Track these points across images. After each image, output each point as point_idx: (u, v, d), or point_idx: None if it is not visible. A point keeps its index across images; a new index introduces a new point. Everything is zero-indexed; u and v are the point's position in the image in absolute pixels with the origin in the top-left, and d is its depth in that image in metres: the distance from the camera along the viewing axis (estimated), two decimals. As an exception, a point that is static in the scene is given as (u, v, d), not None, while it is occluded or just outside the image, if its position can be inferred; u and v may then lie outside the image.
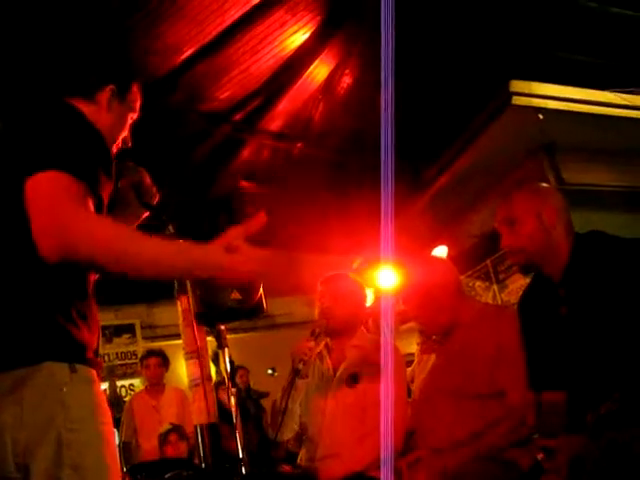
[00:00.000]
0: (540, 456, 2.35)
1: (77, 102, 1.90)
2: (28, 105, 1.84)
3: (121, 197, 2.10)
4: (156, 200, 2.30)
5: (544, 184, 2.71)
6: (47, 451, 1.50)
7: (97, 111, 1.96)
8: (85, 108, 1.89)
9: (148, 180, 2.25)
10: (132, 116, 2.13)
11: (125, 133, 2.12)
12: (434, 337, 3.02)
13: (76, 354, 1.62)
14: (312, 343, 3.14)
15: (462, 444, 2.57)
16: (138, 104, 2.15)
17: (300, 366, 3.07)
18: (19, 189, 1.58)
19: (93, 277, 1.80)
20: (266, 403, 6.41)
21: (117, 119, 2.05)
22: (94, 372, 1.67)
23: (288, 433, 3.27)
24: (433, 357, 2.99)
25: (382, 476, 2.55)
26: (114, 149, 2.06)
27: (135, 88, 2.13)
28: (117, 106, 2.04)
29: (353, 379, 3.14)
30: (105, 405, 1.67)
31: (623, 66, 5.92)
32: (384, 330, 3.23)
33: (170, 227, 2.42)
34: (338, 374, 3.21)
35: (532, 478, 2.36)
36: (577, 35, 5.52)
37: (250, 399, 6.26)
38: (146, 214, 2.24)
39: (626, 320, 2.23)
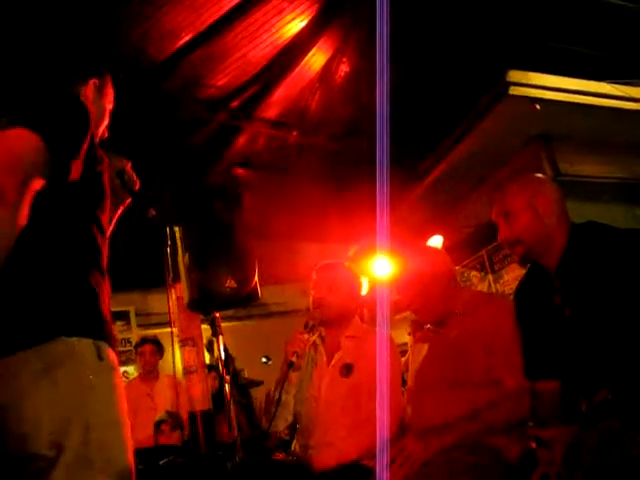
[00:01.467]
0: (533, 446, 2.35)
1: None
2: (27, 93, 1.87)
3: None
4: (137, 186, 2.38)
5: (539, 175, 2.71)
6: (77, 432, 1.56)
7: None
8: None
9: (129, 167, 2.33)
10: (109, 107, 2.23)
11: (106, 123, 2.22)
12: (428, 326, 3.02)
13: (100, 330, 1.69)
14: (306, 336, 3.12)
15: (453, 424, 2.57)
16: (112, 94, 2.25)
17: (294, 359, 3.04)
18: None
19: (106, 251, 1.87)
20: (260, 391, 6.42)
21: (99, 110, 2.15)
22: (114, 356, 1.73)
23: (281, 424, 3.26)
24: (426, 346, 2.99)
25: (377, 465, 2.56)
26: (97, 139, 2.10)
27: (109, 79, 2.23)
28: (99, 98, 2.15)
29: (347, 369, 3.14)
30: (122, 390, 1.74)
31: (620, 57, 5.92)
32: (379, 320, 3.22)
33: (152, 210, 2.49)
34: (332, 363, 3.20)
35: (524, 468, 2.37)
36: (575, 26, 5.52)
37: (236, 387, 6.27)
38: (129, 199, 2.30)
39: (620, 310, 2.24)
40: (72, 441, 1.55)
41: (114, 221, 2.27)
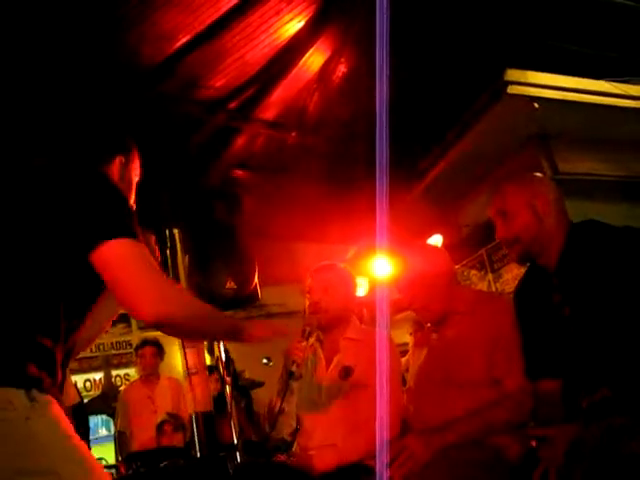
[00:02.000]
0: (534, 444, 2.35)
1: None
2: (62, 174, 1.90)
3: None
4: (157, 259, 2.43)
5: (537, 174, 2.71)
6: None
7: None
8: None
9: (153, 240, 2.35)
10: (136, 179, 2.24)
11: (133, 196, 2.21)
12: (428, 325, 3.02)
13: (36, 383, 1.65)
14: (304, 343, 3.09)
15: (454, 423, 2.57)
16: (138, 165, 2.26)
17: (294, 368, 3.01)
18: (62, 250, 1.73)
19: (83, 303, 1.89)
20: (262, 392, 6.42)
21: (127, 186, 2.16)
22: (49, 397, 1.69)
23: (285, 431, 3.24)
24: (427, 345, 2.99)
25: (377, 465, 2.55)
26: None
27: (135, 152, 2.23)
28: (125, 173, 2.16)
29: (347, 372, 3.13)
30: (67, 422, 1.70)
31: (619, 55, 5.92)
32: (379, 320, 3.22)
33: None
34: (331, 366, 3.20)
35: (525, 468, 2.37)
36: (573, 24, 5.51)
37: (236, 390, 6.26)
38: None
39: (619, 308, 2.24)
40: None
41: None
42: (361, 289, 7.39)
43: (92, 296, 1.88)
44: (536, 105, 5.75)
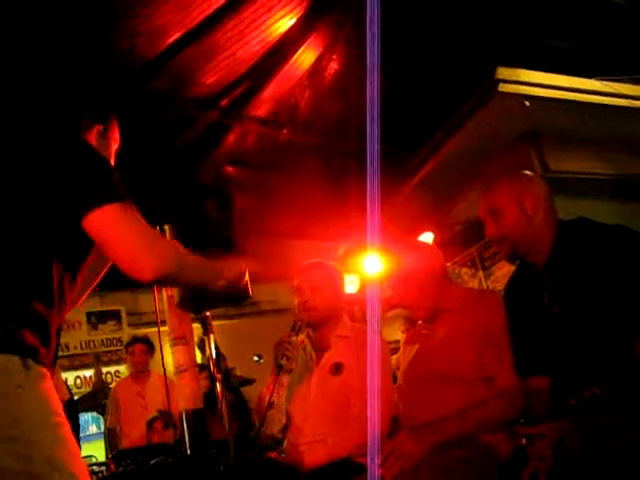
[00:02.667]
0: (524, 442, 2.36)
1: None
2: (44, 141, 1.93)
3: None
4: None
5: (526, 172, 2.71)
6: (20, 448, 1.54)
7: None
8: None
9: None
10: (115, 147, 2.26)
11: (113, 164, 2.20)
12: (419, 322, 3.03)
13: (31, 351, 1.66)
14: (294, 338, 3.10)
15: (445, 420, 2.58)
16: (118, 135, 2.28)
17: (284, 362, 3.03)
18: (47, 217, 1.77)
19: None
20: (253, 389, 6.42)
21: (106, 154, 2.17)
22: (44, 369, 1.70)
23: (276, 426, 3.25)
24: (417, 343, 2.99)
25: (368, 462, 2.56)
26: None
27: (114, 120, 2.25)
28: (104, 142, 2.18)
29: (337, 368, 3.14)
30: (57, 401, 1.71)
31: (610, 54, 5.94)
32: (370, 317, 3.22)
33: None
34: (322, 362, 3.20)
35: (514, 466, 2.37)
36: (564, 22, 5.53)
37: (228, 388, 6.26)
38: None
39: (609, 306, 2.24)
40: (17, 458, 1.53)
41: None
42: (352, 286, 7.39)
43: (82, 257, 1.91)
44: (527, 103, 5.77)
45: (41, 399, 1.64)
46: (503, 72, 5.66)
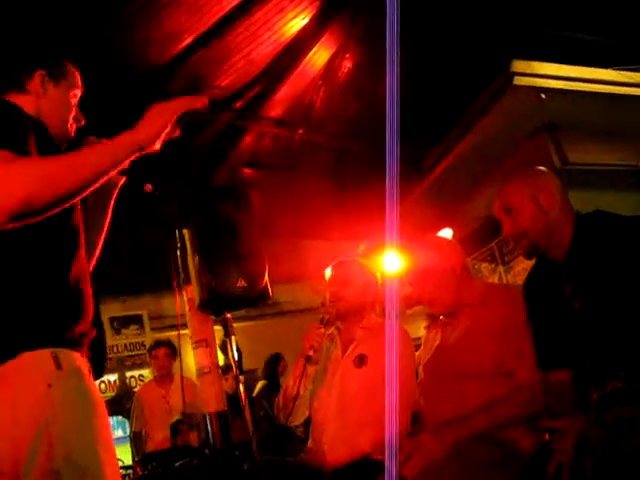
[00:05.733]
0: (547, 437, 2.34)
1: (12, 96, 1.91)
2: None
3: None
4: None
5: (539, 167, 2.69)
6: (41, 448, 1.52)
7: (34, 100, 1.96)
8: (20, 99, 1.90)
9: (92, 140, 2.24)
10: (75, 93, 2.09)
11: (73, 112, 2.09)
12: (441, 317, 3.02)
13: (61, 336, 1.64)
14: (322, 330, 3.17)
15: (468, 418, 2.57)
16: (77, 80, 2.11)
17: (311, 352, 3.10)
18: None
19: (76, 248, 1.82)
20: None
21: (57, 102, 2.03)
22: (79, 361, 1.68)
23: (299, 418, 3.29)
24: (438, 338, 2.99)
25: (387, 459, 2.56)
26: (70, 130, 2.06)
27: (69, 66, 2.09)
28: (53, 89, 2.02)
29: (361, 359, 3.16)
30: (97, 396, 1.70)
31: (626, 44, 5.89)
32: (389, 313, 3.23)
33: (148, 185, 2.38)
34: (346, 354, 3.23)
35: (538, 461, 2.36)
36: (579, 13, 5.49)
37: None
38: (123, 179, 2.20)
39: (630, 299, 2.23)
40: (37, 458, 1.51)
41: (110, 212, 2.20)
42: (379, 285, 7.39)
43: (63, 219, 1.78)
44: (543, 96, 5.73)
45: (72, 398, 1.62)
46: (518, 65, 5.63)
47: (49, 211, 1.61)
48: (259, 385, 6.94)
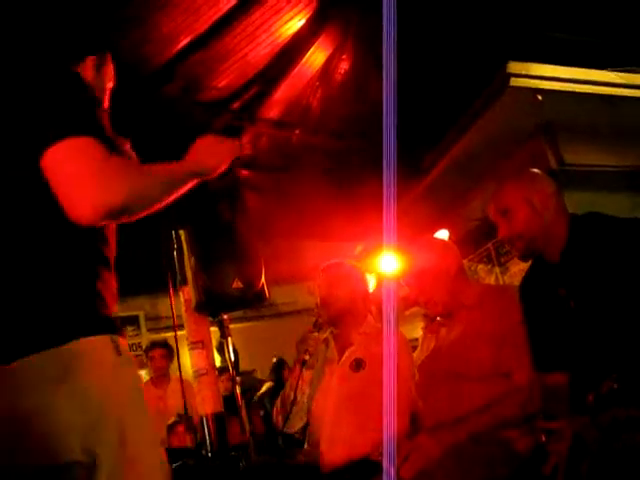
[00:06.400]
0: (543, 438, 2.35)
1: None
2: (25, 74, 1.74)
3: None
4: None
5: (533, 170, 2.70)
6: (112, 433, 1.48)
7: None
8: None
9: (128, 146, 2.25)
10: (109, 85, 2.11)
11: (107, 102, 2.10)
12: (438, 319, 3.02)
13: (114, 324, 1.61)
14: (316, 334, 3.17)
15: (465, 419, 2.57)
16: (112, 72, 2.12)
17: (306, 357, 3.10)
18: (30, 161, 1.55)
19: (113, 245, 1.80)
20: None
21: (99, 90, 2.04)
22: (129, 352, 1.65)
23: (297, 424, 3.29)
24: (435, 339, 3.00)
25: (384, 460, 2.56)
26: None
27: (109, 57, 2.10)
28: (97, 77, 2.02)
29: (358, 364, 3.16)
30: (141, 383, 1.68)
31: (622, 45, 5.89)
32: (386, 316, 3.23)
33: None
34: (343, 359, 3.23)
35: (534, 462, 2.37)
36: (575, 15, 5.49)
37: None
38: None
39: (625, 300, 2.24)
40: (109, 444, 1.46)
41: None
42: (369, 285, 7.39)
43: None
44: (539, 97, 5.74)
45: (131, 385, 1.60)
46: (514, 66, 5.64)
47: (132, 217, 1.63)
48: (265, 386, 6.94)
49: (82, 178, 1.51)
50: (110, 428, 1.48)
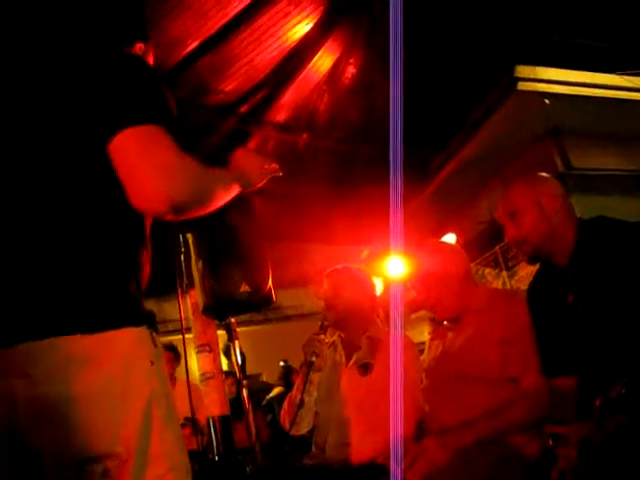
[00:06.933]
0: (550, 443, 2.34)
1: None
2: (85, 57, 1.68)
3: None
4: None
5: (541, 173, 2.70)
6: (147, 426, 1.44)
7: None
8: None
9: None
10: None
11: None
12: (445, 323, 3.02)
13: (152, 318, 1.58)
14: (322, 336, 3.17)
15: (472, 423, 2.56)
16: (153, 62, 2.05)
17: (313, 359, 3.10)
18: (96, 143, 1.51)
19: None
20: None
21: None
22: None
23: (305, 427, 3.29)
24: (442, 343, 2.99)
25: (391, 464, 2.56)
26: None
27: (152, 46, 2.04)
28: None
29: (365, 368, 3.15)
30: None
31: (630, 49, 5.89)
32: (394, 319, 3.23)
33: None
34: (351, 363, 3.23)
35: (541, 466, 2.36)
36: (583, 19, 5.49)
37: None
38: None
39: (634, 304, 2.23)
40: (149, 437, 1.43)
41: None
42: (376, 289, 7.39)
43: None
44: (547, 101, 5.74)
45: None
46: (522, 70, 5.64)
47: (189, 214, 1.61)
48: (275, 391, 6.95)
49: (155, 169, 1.49)
50: (146, 419, 1.45)
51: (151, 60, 2.02)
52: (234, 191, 1.85)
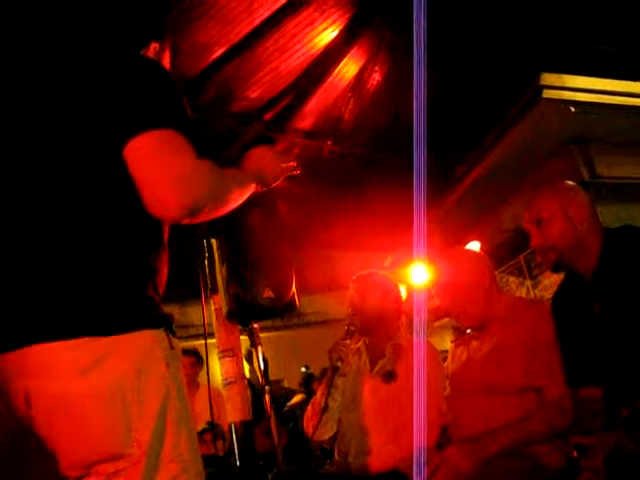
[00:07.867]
0: (575, 454, 2.32)
1: None
2: (102, 59, 1.67)
3: None
4: None
5: (568, 182, 2.69)
6: (161, 427, 1.44)
7: None
8: None
9: None
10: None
11: None
12: (469, 331, 3.00)
13: (170, 322, 1.58)
14: (347, 341, 3.17)
15: (495, 432, 2.55)
16: (169, 61, 2.03)
17: (338, 364, 3.10)
18: (112, 147, 1.51)
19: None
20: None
21: None
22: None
23: (328, 432, 3.29)
24: (466, 351, 2.97)
25: (413, 473, 2.55)
26: None
27: (169, 44, 2.01)
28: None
29: (390, 375, 3.15)
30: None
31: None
32: (416, 327, 3.23)
33: None
34: (375, 370, 3.23)
35: (566, 478, 2.34)
36: (609, 26, 5.46)
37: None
38: None
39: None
40: (157, 439, 1.43)
41: None
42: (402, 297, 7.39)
43: None
44: (572, 109, 5.71)
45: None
46: (547, 78, 5.62)
47: (205, 217, 1.61)
48: (297, 397, 6.95)
49: (168, 176, 1.49)
50: (160, 421, 1.45)
51: (167, 58, 2.00)
52: (250, 190, 1.85)
